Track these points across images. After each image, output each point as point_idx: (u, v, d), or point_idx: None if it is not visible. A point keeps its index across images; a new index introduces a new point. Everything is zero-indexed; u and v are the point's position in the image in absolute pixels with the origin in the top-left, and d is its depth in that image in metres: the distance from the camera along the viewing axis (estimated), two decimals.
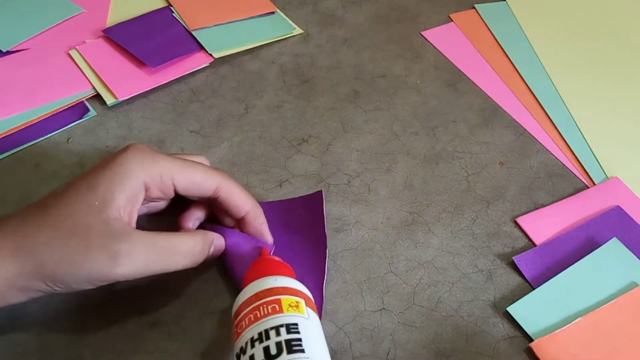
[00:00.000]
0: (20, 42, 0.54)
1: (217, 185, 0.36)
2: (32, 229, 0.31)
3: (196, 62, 0.53)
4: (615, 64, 0.56)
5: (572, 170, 0.47)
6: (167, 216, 0.40)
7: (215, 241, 0.36)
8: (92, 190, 0.32)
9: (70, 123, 0.48)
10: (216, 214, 0.39)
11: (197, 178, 0.35)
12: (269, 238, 0.38)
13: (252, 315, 0.30)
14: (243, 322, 0.30)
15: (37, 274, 0.30)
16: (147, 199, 0.35)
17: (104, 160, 0.34)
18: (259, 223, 0.38)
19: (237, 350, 0.30)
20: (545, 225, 0.42)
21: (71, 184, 0.33)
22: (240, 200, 0.37)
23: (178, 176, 0.35)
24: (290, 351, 0.28)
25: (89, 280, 0.31)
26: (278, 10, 0.59)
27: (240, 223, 0.38)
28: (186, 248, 0.34)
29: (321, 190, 0.41)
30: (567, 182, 0.46)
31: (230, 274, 0.38)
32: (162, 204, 0.39)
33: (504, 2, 0.63)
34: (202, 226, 0.39)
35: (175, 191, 0.35)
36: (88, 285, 0.31)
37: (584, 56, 0.57)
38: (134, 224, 0.33)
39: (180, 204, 0.39)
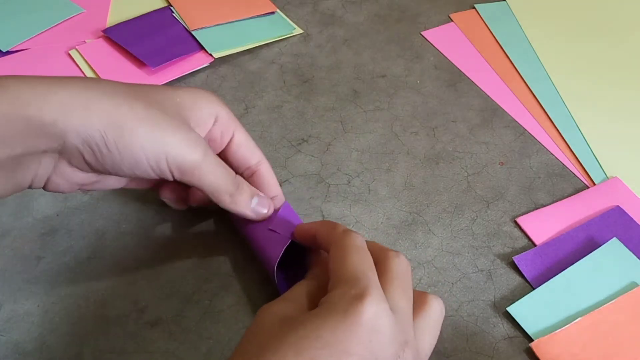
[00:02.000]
0: (20, 42, 0.54)
1: (258, 160, 0.37)
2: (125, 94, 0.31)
3: (196, 62, 0.53)
4: (615, 64, 0.56)
5: (572, 170, 0.47)
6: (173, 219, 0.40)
7: (259, 198, 0.36)
8: (176, 103, 0.33)
9: None
10: None
11: (250, 144, 0.37)
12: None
13: None
14: None
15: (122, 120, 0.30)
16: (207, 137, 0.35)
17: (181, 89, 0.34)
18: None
19: None
20: (545, 225, 0.42)
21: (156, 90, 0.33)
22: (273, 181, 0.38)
23: (238, 132, 0.36)
24: None
25: (158, 157, 0.31)
26: (278, 10, 0.59)
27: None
28: (234, 179, 0.35)
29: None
30: (567, 182, 0.46)
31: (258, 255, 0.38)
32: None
33: (504, 2, 0.63)
34: None
35: (223, 147, 0.36)
36: (147, 166, 0.31)
37: (584, 56, 0.57)
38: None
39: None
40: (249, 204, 0.35)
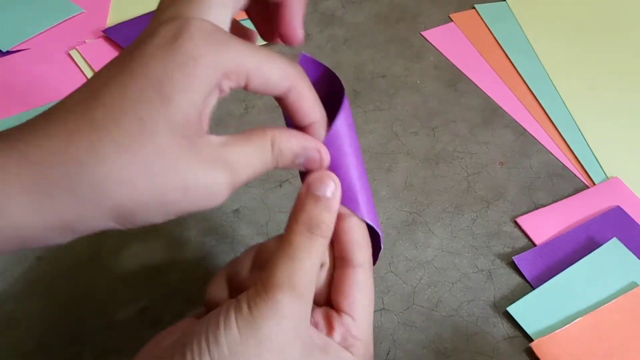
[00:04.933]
0: (20, 42, 0.54)
1: (289, 85, 0.29)
2: (86, 144, 0.22)
3: None
4: (615, 64, 0.56)
5: (572, 170, 0.47)
6: None
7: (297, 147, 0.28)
8: (162, 95, 0.24)
9: None
10: None
11: (273, 78, 0.28)
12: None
13: None
14: None
15: (102, 211, 0.22)
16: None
17: (159, 41, 0.24)
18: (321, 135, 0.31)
19: None
20: (545, 225, 0.42)
21: (126, 81, 0.24)
22: (308, 108, 0.30)
23: (253, 75, 0.28)
24: None
25: (172, 213, 0.25)
26: None
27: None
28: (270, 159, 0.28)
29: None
30: (567, 182, 0.46)
31: None
32: None
33: (504, 2, 0.63)
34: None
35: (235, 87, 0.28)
36: (168, 217, 0.25)
37: (584, 56, 0.57)
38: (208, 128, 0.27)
39: None
40: (294, 162, 0.29)
